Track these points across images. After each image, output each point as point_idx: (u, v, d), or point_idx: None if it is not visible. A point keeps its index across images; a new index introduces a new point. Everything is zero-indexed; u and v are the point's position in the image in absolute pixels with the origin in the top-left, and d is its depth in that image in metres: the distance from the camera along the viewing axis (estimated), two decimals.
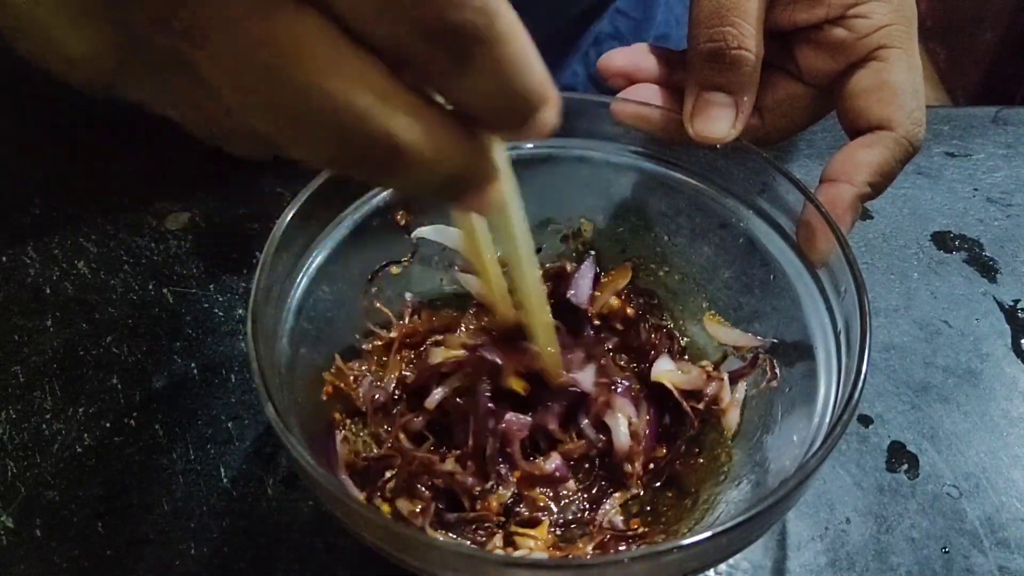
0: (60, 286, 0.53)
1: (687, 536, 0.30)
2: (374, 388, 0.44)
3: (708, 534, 0.30)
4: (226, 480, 0.45)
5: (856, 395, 0.34)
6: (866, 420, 0.49)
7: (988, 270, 0.57)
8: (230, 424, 0.47)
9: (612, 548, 0.39)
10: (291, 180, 0.59)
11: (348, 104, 0.22)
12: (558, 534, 0.41)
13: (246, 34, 0.21)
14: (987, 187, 0.62)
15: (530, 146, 0.45)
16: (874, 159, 0.40)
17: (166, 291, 0.53)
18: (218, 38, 0.21)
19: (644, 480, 0.42)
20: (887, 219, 0.60)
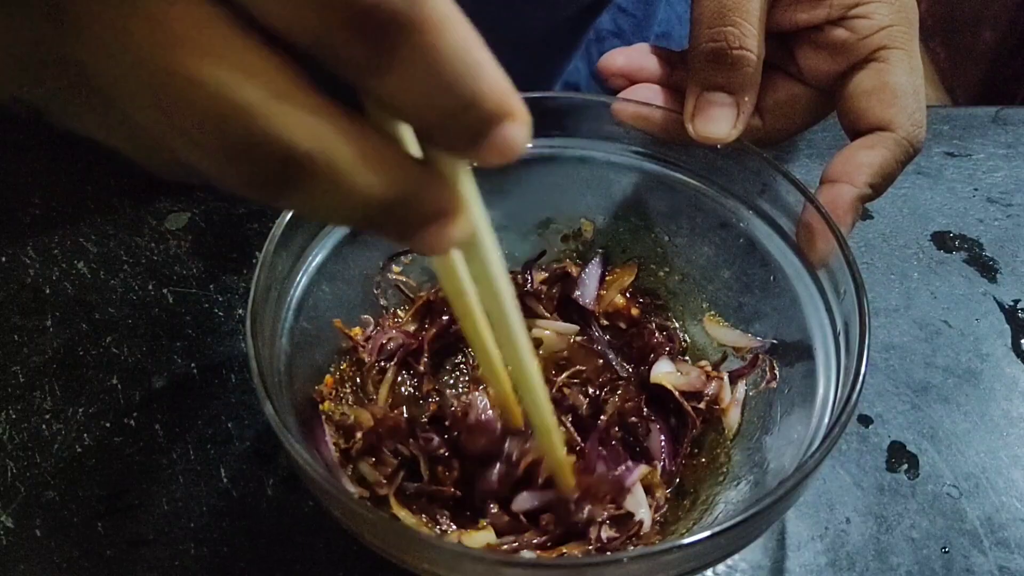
0: (60, 286, 0.53)
1: (686, 536, 0.30)
2: (383, 336, 0.44)
3: (707, 534, 0.30)
4: (226, 480, 0.45)
5: (855, 395, 0.34)
6: (866, 420, 0.49)
7: (988, 270, 0.57)
8: (230, 424, 0.47)
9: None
10: None
11: (230, 97, 0.19)
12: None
13: (123, 15, 0.19)
14: (987, 187, 0.62)
15: (530, 145, 0.45)
16: (875, 160, 0.40)
17: (166, 291, 0.53)
18: (94, 20, 0.19)
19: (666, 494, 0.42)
20: (887, 219, 0.60)
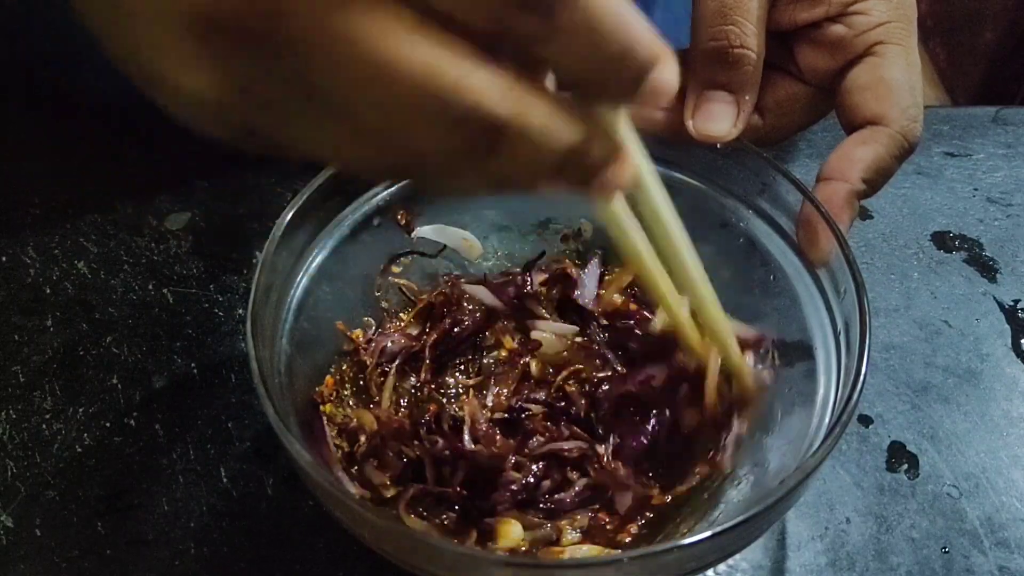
0: (60, 286, 0.53)
1: (687, 536, 0.30)
2: (385, 339, 0.44)
3: (708, 534, 0.30)
4: (226, 480, 0.45)
5: (856, 395, 0.34)
6: (866, 420, 0.49)
7: (988, 270, 0.57)
8: (230, 424, 0.47)
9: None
10: (291, 180, 0.59)
11: (442, 76, 0.22)
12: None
13: (329, 34, 0.21)
14: (987, 187, 0.62)
15: None
16: (868, 155, 0.40)
17: (166, 291, 0.53)
18: (314, 39, 0.22)
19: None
20: (887, 219, 0.60)
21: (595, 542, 0.39)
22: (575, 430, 0.42)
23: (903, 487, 0.46)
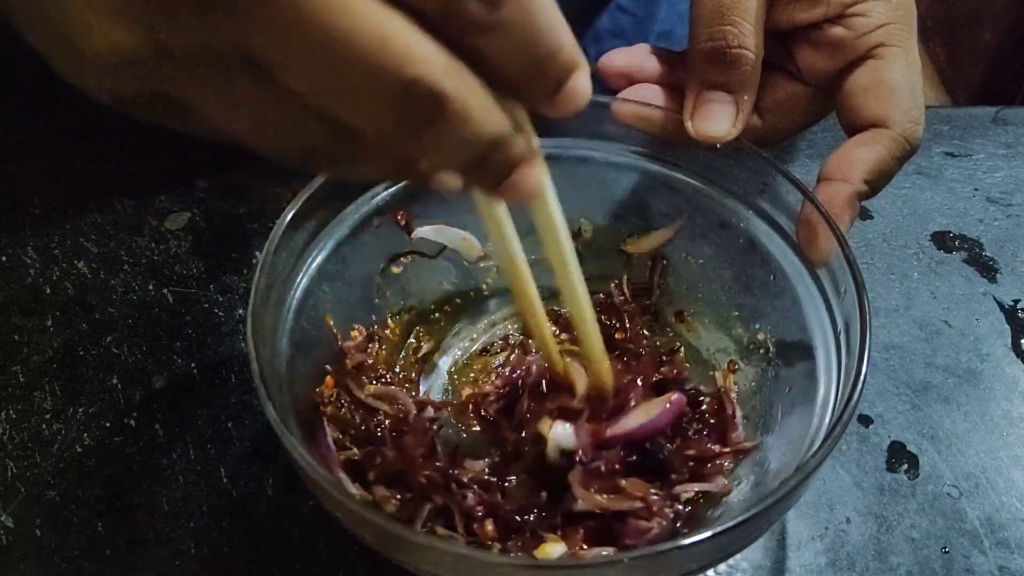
0: (60, 286, 0.53)
1: (687, 536, 0.30)
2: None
3: (708, 534, 0.30)
4: (226, 480, 0.45)
5: (856, 395, 0.34)
6: (866, 420, 0.49)
7: (988, 270, 0.57)
8: (230, 424, 0.47)
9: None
10: (291, 180, 0.59)
11: (390, 45, 0.22)
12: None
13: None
14: (987, 187, 0.62)
15: None
16: (870, 156, 0.40)
17: (166, 291, 0.53)
18: (259, 5, 0.21)
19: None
20: (887, 219, 0.60)
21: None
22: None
23: (903, 487, 0.46)
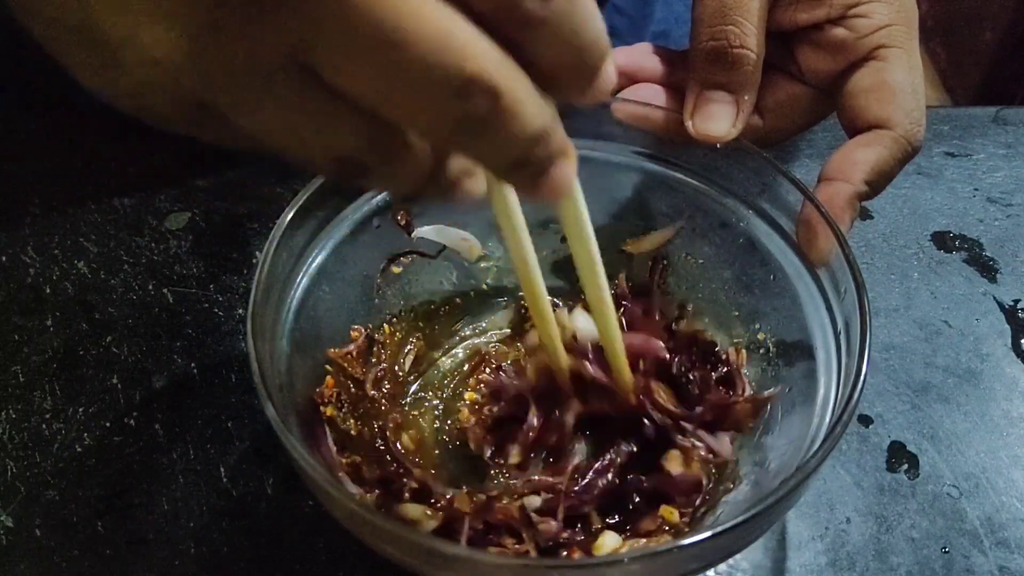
0: (60, 286, 0.53)
1: (687, 536, 0.30)
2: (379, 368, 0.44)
3: (708, 534, 0.30)
4: (226, 480, 0.45)
5: (856, 395, 0.34)
6: (866, 420, 0.49)
7: (988, 270, 0.57)
8: (230, 424, 0.47)
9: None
10: (291, 180, 0.59)
11: (443, 45, 0.22)
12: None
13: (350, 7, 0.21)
14: (987, 187, 0.62)
15: None
16: (871, 158, 0.40)
17: (166, 291, 0.53)
18: (317, 2, 0.21)
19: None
20: (887, 219, 0.60)
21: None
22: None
23: (903, 487, 0.46)
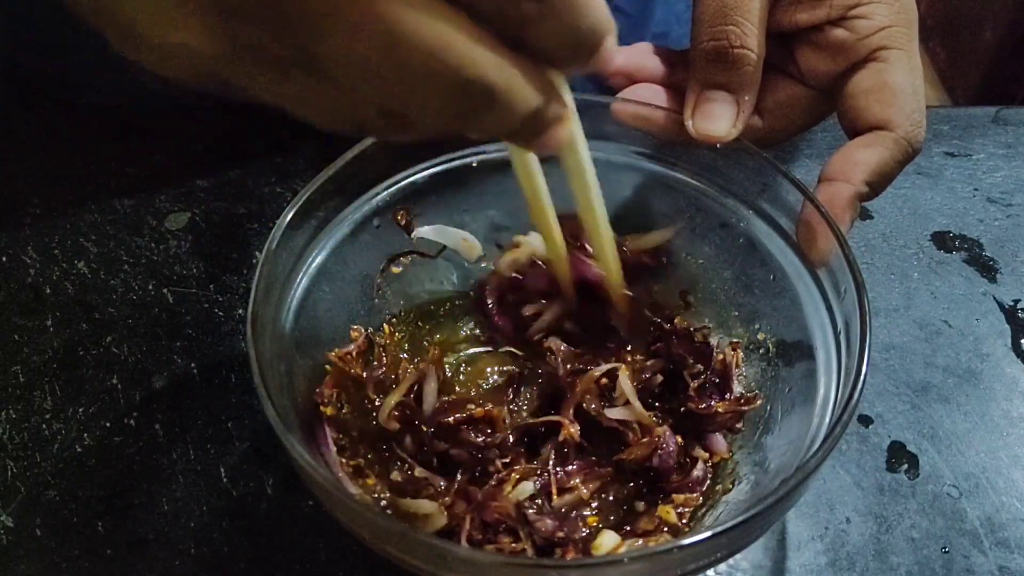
0: (60, 286, 0.53)
1: (687, 536, 0.30)
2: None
3: (708, 534, 0.30)
4: (226, 480, 0.45)
5: (856, 395, 0.34)
6: (866, 420, 0.49)
7: (988, 270, 0.57)
8: (230, 424, 0.47)
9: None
10: (291, 180, 0.59)
11: (443, 52, 0.24)
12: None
13: (353, 12, 0.23)
14: (987, 187, 0.62)
15: None
16: (872, 159, 0.40)
17: (166, 291, 0.53)
18: (327, 13, 0.23)
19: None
20: (887, 219, 0.60)
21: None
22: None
23: (903, 487, 0.46)
